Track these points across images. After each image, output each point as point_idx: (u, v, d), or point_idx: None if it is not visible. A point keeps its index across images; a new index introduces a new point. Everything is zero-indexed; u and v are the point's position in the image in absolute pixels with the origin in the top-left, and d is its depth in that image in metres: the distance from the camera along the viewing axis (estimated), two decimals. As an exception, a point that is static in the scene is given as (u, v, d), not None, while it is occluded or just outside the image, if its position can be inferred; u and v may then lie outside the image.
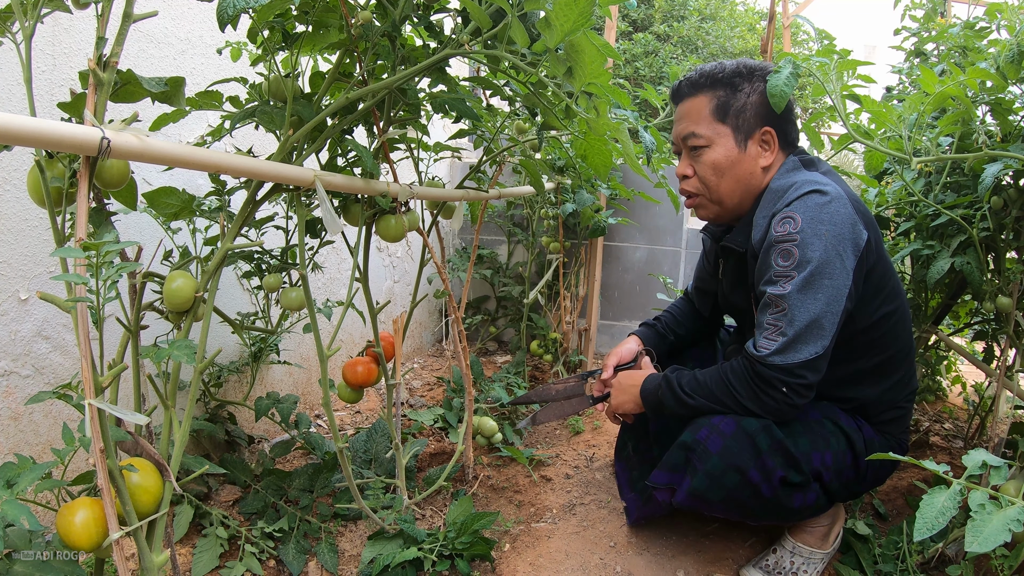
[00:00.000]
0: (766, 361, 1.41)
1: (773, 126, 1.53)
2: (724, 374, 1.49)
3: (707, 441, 1.48)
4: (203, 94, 1.32)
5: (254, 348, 2.05)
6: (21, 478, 0.98)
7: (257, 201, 1.30)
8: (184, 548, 1.64)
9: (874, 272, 1.49)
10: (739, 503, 1.49)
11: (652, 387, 1.62)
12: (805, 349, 1.39)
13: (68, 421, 1.61)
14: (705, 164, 1.56)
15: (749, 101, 1.52)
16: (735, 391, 1.47)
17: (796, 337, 1.39)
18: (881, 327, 1.54)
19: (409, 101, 1.39)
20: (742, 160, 1.54)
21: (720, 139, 1.54)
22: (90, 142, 0.87)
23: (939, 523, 0.96)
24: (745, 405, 1.46)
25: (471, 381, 2.08)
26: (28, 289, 1.53)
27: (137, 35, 1.72)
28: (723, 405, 1.49)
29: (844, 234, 1.39)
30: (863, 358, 1.56)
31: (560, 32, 1.09)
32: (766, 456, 1.45)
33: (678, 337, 1.95)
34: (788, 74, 1.45)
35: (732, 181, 1.56)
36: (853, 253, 1.41)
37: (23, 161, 1.48)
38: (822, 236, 1.38)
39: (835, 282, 1.38)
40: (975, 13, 2.03)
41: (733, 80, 1.53)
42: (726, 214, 1.63)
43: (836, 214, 1.39)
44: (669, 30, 6.40)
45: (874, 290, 1.51)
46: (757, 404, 1.45)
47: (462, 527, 1.72)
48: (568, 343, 2.95)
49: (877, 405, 1.60)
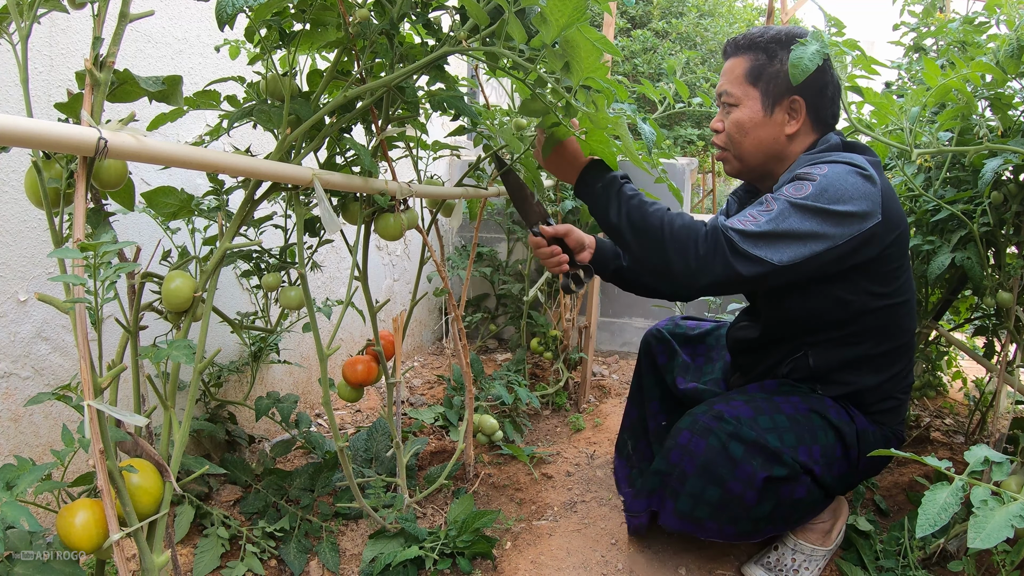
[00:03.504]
0: (727, 229, 1.35)
1: (803, 96, 1.53)
2: (669, 215, 1.42)
3: (682, 463, 1.50)
4: (201, 93, 1.31)
5: (254, 347, 2.05)
6: (21, 480, 0.98)
7: (255, 200, 1.30)
8: (185, 548, 1.64)
9: (889, 260, 1.49)
10: (730, 516, 1.50)
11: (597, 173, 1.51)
12: (766, 250, 1.34)
13: (68, 422, 1.61)
14: (732, 122, 1.59)
15: (783, 68, 1.51)
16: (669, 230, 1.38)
17: (767, 234, 1.35)
18: (893, 315, 1.55)
19: (407, 99, 1.39)
20: (766, 123, 1.56)
21: (748, 100, 1.56)
22: (87, 142, 0.87)
23: (941, 519, 0.96)
24: (667, 245, 1.38)
25: (471, 379, 2.08)
26: (27, 290, 1.52)
27: (134, 35, 1.72)
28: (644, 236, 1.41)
29: (859, 203, 1.38)
30: (870, 343, 1.57)
31: (556, 27, 1.09)
32: (742, 463, 1.45)
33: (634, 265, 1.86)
34: (814, 50, 1.39)
35: (755, 142, 1.58)
36: (858, 223, 1.39)
37: (21, 162, 1.48)
38: (839, 190, 1.38)
39: (828, 229, 1.36)
40: (974, 8, 2.03)
41: (770, 46, 1.54)
42: (747, 172, 1.65)
43: (862, 186, 1.39)
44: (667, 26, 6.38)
45: (888, 276, 1.51)
46: (679, 252, 1.37)
47: (463, 525, 1.72)
48: (568, 340, 2.95)
49: (874, 393, 1.60)
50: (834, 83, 1.54)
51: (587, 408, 2.82)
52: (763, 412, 1.52)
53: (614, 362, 3.51)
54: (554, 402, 2.81)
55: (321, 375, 1.44)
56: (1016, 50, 1.56)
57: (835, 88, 1.55)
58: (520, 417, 2.58)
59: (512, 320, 3.46)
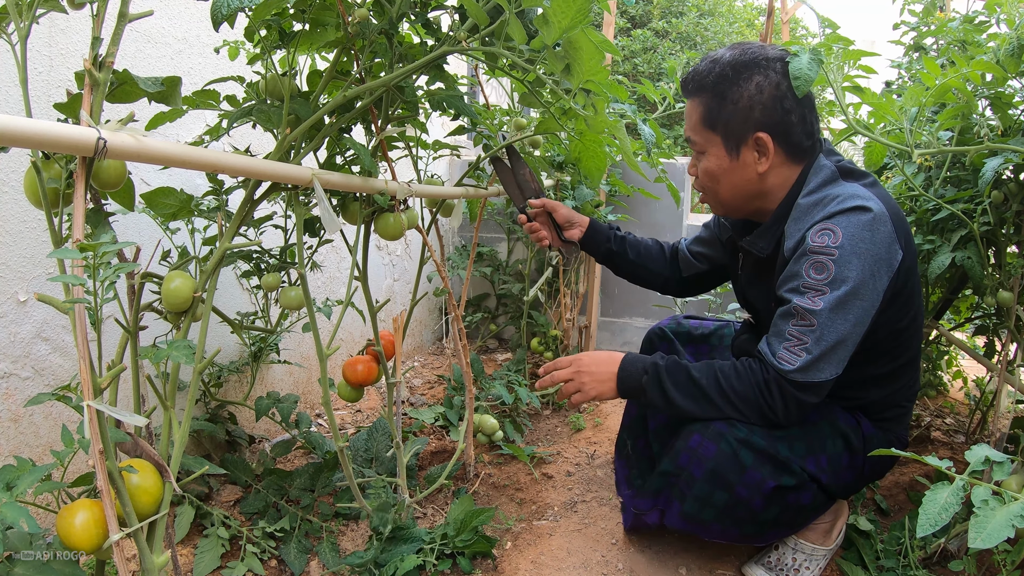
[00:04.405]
0: (787, 376, 1.37)
1: (767, 131, 1.43)
2: (724, 376, 1.44)
3: (690, 466, 1.48)
4: (200, 93, 1.31)
5: (254, 348, 2.05)
6: (21, 480, 0.98)
7: (255, 200, 1.30)
8: (186, 548, 1.64)
9: (904, 290, 1.45)
10: (735, 520, 1.49)
11: (635, 372, 1.51)
12: (827, 369, 1.37)
13: (68, 423, 1.61)
14: (702, 171, 1.54)
15: (739, 108, 1.43)
16: (734, 395, 1.43)
17: (821, 356, 1.36)
18: (899, 337, 1.52)
19: (407, 99, 1.39)
20: (735, 168, 1.48)
21: (712, 147, 1.49)
22: (86, 142, 0.86)
23: (942, 519, 0.95)
24: (741, 410, 1.43)
25: (471, 379, 2.08)
26: (27, 291, 1.52)
27: (134, 35, 1.71)
28: (714, 408, 1.45)
29: (881, 255, 1.35)
30: (876, 364, 1.55)
31: (558, 29, 1.08)
32: (751, 470, 1.43)
33: (627, 252, 1.91)
34: (809, 59, 1.38)
35: (729, 187, 1.52)
36: (887, 275, 1.37)
37: (20, 163, 1.48)
38: (861, 255, 1.33)
39: (865, 303, 1.35)
40: (974, 7, 2.02)
41: (718, 87, 1.44)
42: (735, 212, 1.60)
43: (877, 233, 1.34)
44: (668, 26, 6.39)
45: (903, 307, 1.48)
46: (757, 413, 1.42)
47: (463, 525, 1.72)
48: (569, 340, 2.95)
49: (880, 405, 1.60)
50: (802, 102, 1.44)
51: (587, 408, 2.82)
52: None
53: (614, 362, 3.51)
54: (554, 402, 2.81)
55: (321, 375, 1.44)
56: (1016, 49, 1.56)
57: (805, 106, 1.45)
58: (520, 417, 2.58)
59: (512, 320, 3.46)
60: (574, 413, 2.71)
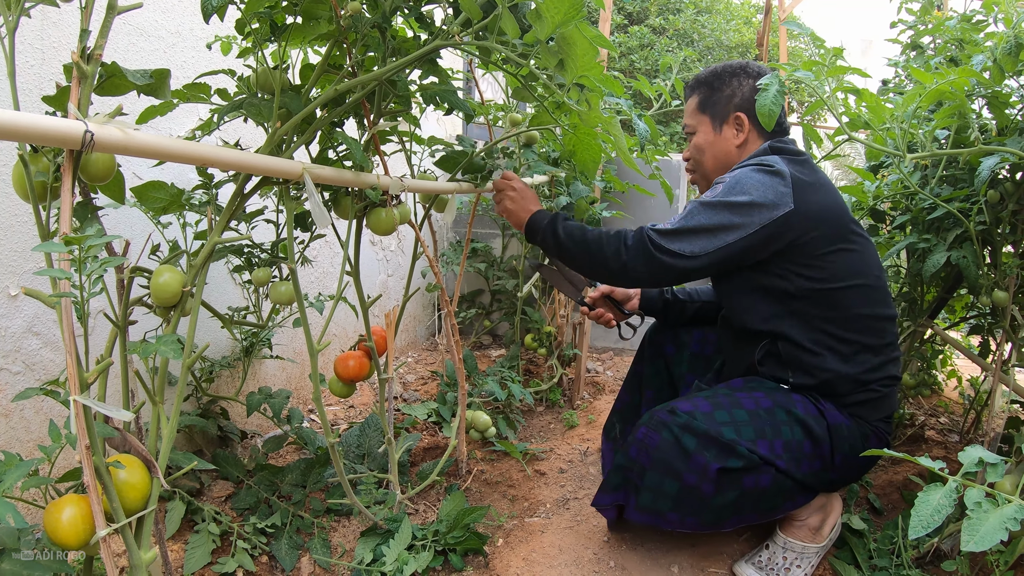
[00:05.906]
0: (653, 228, 1.59)
1: (745, 112, 1.76)
2: (605, 233, 1.65)
3: (640, 457, 1.56)
4: (190, 86, 1.30)
5: (246, 343, 2.04)
6: (7, 475, 0.97)
7: (245, 194, 1.29)
8: (176, 544, 1.63)
9: (814, 245, 1.59)
10: (690, 507, 1.53)
11: (543, 216, 1.76)
12: (684, 246, 1.56)
13: (58, 418, 1.60)
14: (692, 146, 1.85)
15: (724, 95, 1.78)
16: (605, 238, 1.63)
17: (683, 230, 1.57)
18: (839, 299, 1.61)
19: (399, 93, 1.38)
20: (718, 140, 1.80)
21: (702, 126, 1.82)
22: (73, 135, 0.85)
23: (935, 521, 0.95)
24: (604, 249, 1.62)
25: (464, 375, 2.07)
26: (17, 285, 1.51)
27: (126, 28, 1.70)
28: (587, 250, 1.64)
29: (767, 198, 1.56)
30: (827, 328, 1.62)
31: (551, 24, 1.08)
32: (695, 454, 1.50)
33: (678, 294, 2.12)
34: (775, 92, 1.65)
35: (711, 157, 1.81)
36: (766, 213, 1.55)
37: (9, 156, 1.47)
38: (747, 188, 1.58)
39: (735, 219, 1.56)
40: (972, 6, 2.02)
41: (712, 80, 1.81)
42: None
43: (768, 182, 1.58)
44: (665, 23, 6.38)
45: (817, 261, 1.60)
46: (613, 248, 1.61)
47: (454, 522, 1.71)
48: (563, 337, 2.94)
49: (846, 383, 1.61)
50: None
51: (581, 404, 2.82)
52: (722, 407, 1.56)
53: (608, 359, 3.51)
54: (548, 398, 2.81)
55: (312, 371, 1.43)
56: (1014, 48, 1.56)
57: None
58: (513, 413, 2.57)
59: (506, 316, 3.46)
60: (568, 410, 2.70)
